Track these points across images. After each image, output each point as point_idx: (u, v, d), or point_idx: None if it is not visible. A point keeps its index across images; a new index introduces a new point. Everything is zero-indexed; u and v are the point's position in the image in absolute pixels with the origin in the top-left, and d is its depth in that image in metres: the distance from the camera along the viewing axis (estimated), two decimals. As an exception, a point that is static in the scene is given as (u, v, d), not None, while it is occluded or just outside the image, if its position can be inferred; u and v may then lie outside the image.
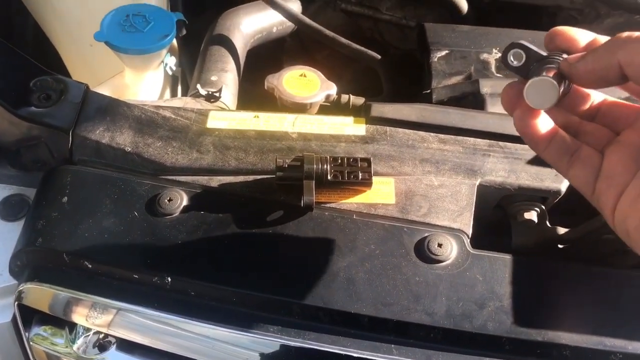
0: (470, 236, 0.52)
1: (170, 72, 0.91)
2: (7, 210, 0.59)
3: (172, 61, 0.90)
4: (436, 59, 0.78)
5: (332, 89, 0.70)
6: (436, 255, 0.50)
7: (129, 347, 0.54)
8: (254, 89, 0.82)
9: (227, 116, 0.60)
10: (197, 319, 0.49)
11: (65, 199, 0.53)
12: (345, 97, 0.74)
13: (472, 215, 0.53)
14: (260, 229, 0.51)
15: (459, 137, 0.58)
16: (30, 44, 1.00)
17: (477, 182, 0.55)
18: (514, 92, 0.40)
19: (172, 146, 0.56)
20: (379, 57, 0.86)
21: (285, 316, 0.48)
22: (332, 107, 0.73)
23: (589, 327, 0.47)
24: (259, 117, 0.60)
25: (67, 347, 0.55)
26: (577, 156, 0.39)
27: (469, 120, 0.59)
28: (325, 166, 0.52)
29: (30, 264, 0.52)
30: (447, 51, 0.78)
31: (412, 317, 0.47)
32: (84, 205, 0.53)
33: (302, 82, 0.70)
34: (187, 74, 0.97)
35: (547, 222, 0.56)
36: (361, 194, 0.54)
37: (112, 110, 0.58)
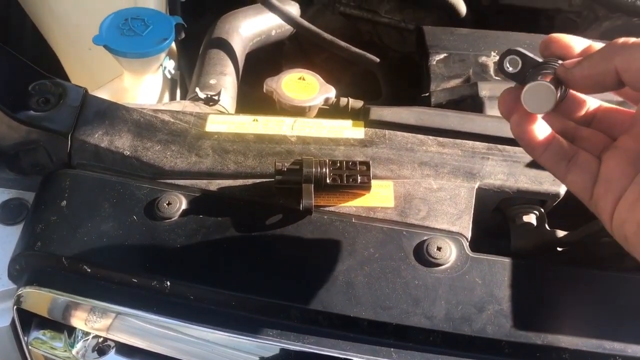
0: (469, 239, 0.52)
1: (169, 76, 0.91)
2: (6, 214, 0.59)
3: (170, 65, 0.90)
4: (435, 62, 0.78)
5: (331, 92, 0.70)
6: (435, 258, 0.50)
7: (128, 351, 0.54)
8: (253, 92, 0.82)
9: (226, 120, 0.60)
10: (196, 322, 0.48)
11: (64, 202, 0.53)
12: (344, 100, 0.74)
13: (471, 218, 0.53)
14: (259, 233, 0.51)
15: (457, 140, 0.58)
16: (29, 48, 1.00)
17: (476, 185, 0.55)
18: (511, 97, 0.40)
19: (171, 150, 0.56)
20: (377, 60, 0.86)
21: (284, 320, 0.48)
22: (331, 110, 0.73)
23: (588, 330, 0.47)
24: (257, 120, 0.60)
25: (66, 351, 0.55)
26: (574, 161, 0.39)
27: (468, 123, 0.59)
28: (324, 170, 0.52)
29: (29, 268, 0.52)
30: (445, 54, 0.78)
31: (411, 320, 0.47)
32: (82, 209, 0.53)
33: (301, 85, 0.70)
34: (186, 78, 0.97)
35: (546, 225, 0.56)
36: (360, 197, 0.54)
37: (111, 114, 0.58)
